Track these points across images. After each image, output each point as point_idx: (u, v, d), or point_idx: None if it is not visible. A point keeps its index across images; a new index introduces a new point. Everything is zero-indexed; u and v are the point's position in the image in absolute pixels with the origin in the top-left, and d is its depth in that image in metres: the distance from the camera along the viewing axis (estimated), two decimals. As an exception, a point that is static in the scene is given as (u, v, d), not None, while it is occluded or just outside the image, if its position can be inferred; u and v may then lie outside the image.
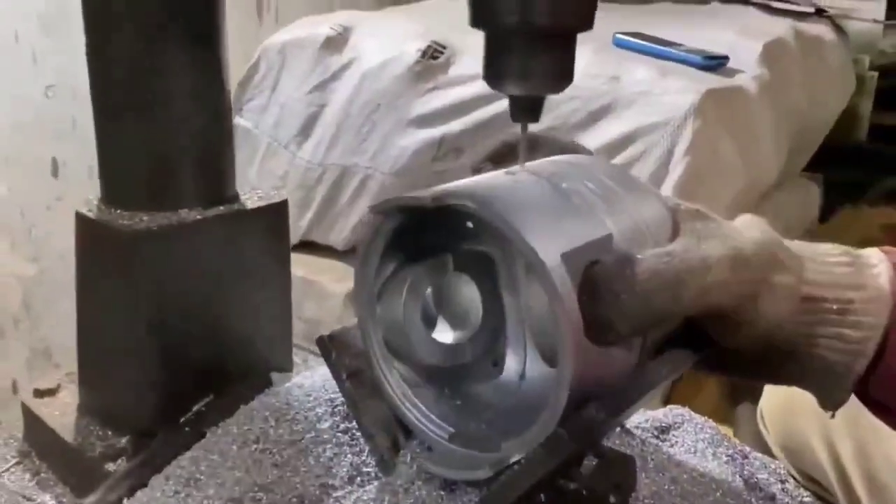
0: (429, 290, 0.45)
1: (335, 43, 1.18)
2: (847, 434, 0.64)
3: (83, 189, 1.24)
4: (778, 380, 0.46)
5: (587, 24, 0.39)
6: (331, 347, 0.46)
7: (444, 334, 0.45)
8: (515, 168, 0.43)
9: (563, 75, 0.40)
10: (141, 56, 0.58)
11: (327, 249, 1.26)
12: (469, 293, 0.45)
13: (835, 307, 0.41)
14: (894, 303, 0.40)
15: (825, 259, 0.42)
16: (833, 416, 0.45)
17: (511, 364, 0.47)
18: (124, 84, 0.59)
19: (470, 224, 0.44)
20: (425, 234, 0.44)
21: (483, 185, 0.40)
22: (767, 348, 0.42)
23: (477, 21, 0.40)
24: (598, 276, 0.36)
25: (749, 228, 0.42)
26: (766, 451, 0.69)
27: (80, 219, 0.61)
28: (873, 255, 0.42)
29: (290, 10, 1.43)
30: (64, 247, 1.23)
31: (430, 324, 0.45)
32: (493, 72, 0.40)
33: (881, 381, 0.41)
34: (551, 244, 0.36)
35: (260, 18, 1.36)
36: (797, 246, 0.43)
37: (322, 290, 1.21)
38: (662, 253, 0.38)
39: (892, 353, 0.40)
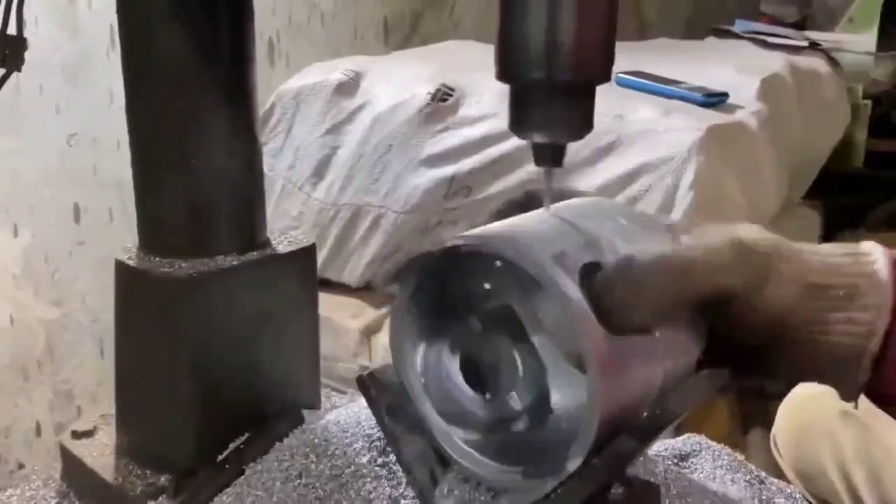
0: (459, 354, 0.47)
1: (347, 88, 1.22)
2: (860, 459, 0.67)
3: (104, 233, 1.28)
4: (796, 375, 0.47)
5: (605, 77, 0.42)
6: (370, 385, 0.49)
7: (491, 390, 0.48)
8: (541, 211, 0.46)
9: (583, 124, 0.43)
10: (178, 112, 0.61)
11: (341, 286, 1.29)
12: (503, 347, 0.47)
13: (842, 293, 0.43)
14: (894, 289, 0.42)
15: (825, 252, 0.45)
16: (856, 406, 0.46)
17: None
18: (163, 139, 0.62)
19: (487, 286, 0.46)
20: (450, 293, 0.46)
21: (498, 229, 0.43)
22: (784, 341, 0.43)
23: (503, 76, 0.43)
24: (610, 268, 0.39)
25: (747, 228, 0.44)
26: (779, 476, 0.71)
27: (121, 266, 0.63)
28: (867, 245, 0.45)
29: (301, 56, 1.48)
30: (85, 290, 1.27)
31: (475, 383, 0.47)
32: (518, 122, 0.43)
33: (888, 373, 0.43)
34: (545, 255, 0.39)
35: (272, 64, 1.41)
36: (796, 244, 0.45)
37: (337, 326, 1.24)
38: (679, 244, 0.41)
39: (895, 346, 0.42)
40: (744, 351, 0.45)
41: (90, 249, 1.25)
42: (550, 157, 0.44)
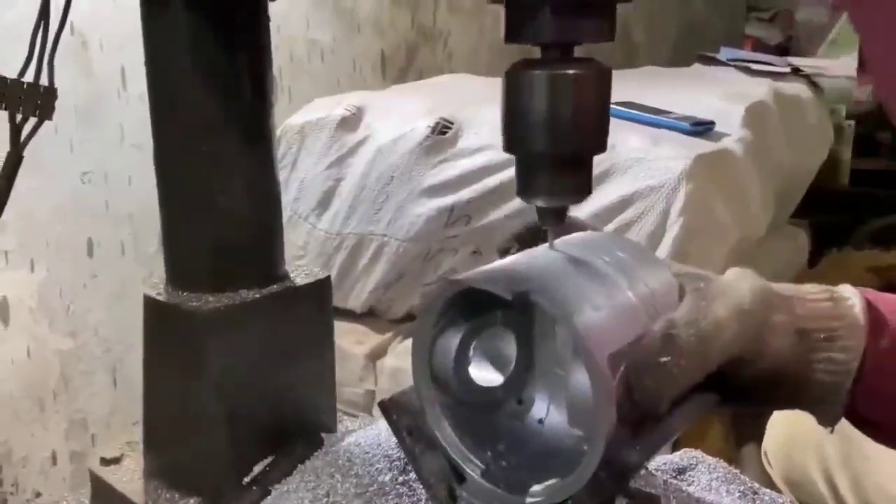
0: (475, 340, 0.52)
1: (350, 122, 1.26)
2: (843, 466, 0.71)
3: (116, 267, 1.32)
4: (782, 405, 0.52)
5: (601, 148, 0.47)
6: (391, 409, 0.53)
7: (481, 376, 0.52)
8: (545, 248, 0.50)
9: (582, 189, 0.48)
10: (203, 156, 0.65)
11: (346, 313, 1.33)
12: (507, 343, 0.51)
13: (823, 336, 0.48)
14: (868, 329, 0.48)
15: (809, 297, 0.50)
16: (832, 431, 0.51)
17: (534, 409, 0.53)
18: (189, 181, 0.66)
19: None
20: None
21: (542, 273, 0.47)
22: (772, 378, 0.49)
23: (510, 147, 0.47)
24: (642, 364, 0.44)
25: (741, 280, 0.49)
26: (772, 487, 0.75)
27: (149, 301, 0.67)
28: (846, 289, 0.50)
29: (302, 91, 1.53)
30: (99, 321, 1.30)
31: (469, 365, 0.51)
32: (525, 188, 0.48)
33: (864, 398, 0.48)
34: (603, 345, 0.43)
35: (275, 99, 1.45)
36: (783, 288, 0.50)
37: (343, 352, 1.28)
38: (689, 324, 0.45)
39: (871, 373, 0.47)
40: (750, 390, 0.49)
41: (103, 282, 1.29)
42: (553, 218, 0.49)
